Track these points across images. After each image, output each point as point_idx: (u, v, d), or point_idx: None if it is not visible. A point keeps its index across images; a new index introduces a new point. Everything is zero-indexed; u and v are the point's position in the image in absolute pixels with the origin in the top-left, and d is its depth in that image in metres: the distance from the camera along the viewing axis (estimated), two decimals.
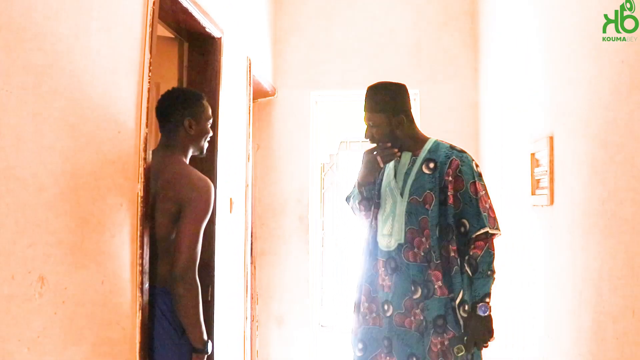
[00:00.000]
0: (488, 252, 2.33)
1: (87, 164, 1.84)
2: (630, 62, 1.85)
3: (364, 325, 2.56)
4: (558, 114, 2.58)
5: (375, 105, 2.50)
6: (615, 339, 1.96)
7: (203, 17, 2.93)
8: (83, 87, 1.81)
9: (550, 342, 2.71)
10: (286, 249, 4.89)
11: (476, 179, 2.40)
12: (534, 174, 2.97)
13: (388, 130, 2.50)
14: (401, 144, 2.52)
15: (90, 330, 1.86)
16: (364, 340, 2.55)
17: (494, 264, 2.35)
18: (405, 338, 2.42)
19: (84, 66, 1.82)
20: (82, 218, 1.81)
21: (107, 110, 1.97)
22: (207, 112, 2.43)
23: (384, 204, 2.56)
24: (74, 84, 1.76)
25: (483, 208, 2.35)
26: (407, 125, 2.51)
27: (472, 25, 4.83)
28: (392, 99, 2.50)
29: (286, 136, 4.94)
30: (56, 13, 1.67)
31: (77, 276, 1.77)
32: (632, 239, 1.84)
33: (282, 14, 5.00)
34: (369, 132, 2.54)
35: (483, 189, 2.40)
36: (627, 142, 1.88)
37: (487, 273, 2.32)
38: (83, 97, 1.81)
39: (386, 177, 2.58)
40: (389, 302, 2.47)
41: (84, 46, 1.82)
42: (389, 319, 2.47)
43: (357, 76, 4.86)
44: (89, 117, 1.85)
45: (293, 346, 4.86)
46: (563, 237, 2.53)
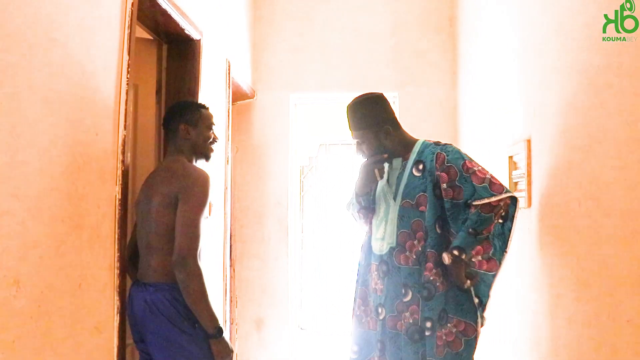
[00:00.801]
0: (483, 217, 2.33)
1: (64, 166, 1.82)
2: (602, 66, 1.88)
3: (360, 328, 2.60)
4: (535, 117, 2.61)
5: (359, 123, 2.51)
6: (591, 339, 1.99)
7: (182, 19, 2.91)
8: (60, 88, 1.79)
9: (529, 343, 2.74)
10: (265, 252, 4.87)
11: (465, 159, 2.42)
12: (512, 176, 2.99)
13: (376, 144, 2.51)
14: (392, 151, 2.54)
15: (67, 334, 1.84)
16: (359, 343, 2.58)
17: (489, 230, 2.35)
18: (397, 341, 2.44)
19: (61, 67, 1.80)
20: (58, 220, 1.79)
21: (85, 112, 1.96)
22: (207, 120, 2.56)
23: (378, 209, 2.59)
24: (51, 84, 1.74)
25: (479, 181, 2.36)
26: (395, 134, 2.53)
27: (451, 29, 4.86)
28: (372, 112, 2.51)
29: (265, 139, 4.93)
30: (32, 13, 1.65)
31: (53, 279, 1.75)
32: (606, 241, 1.87)
33: (261, 17, 4.99)
34: (359, 149, 2.56)
35: (476, 165, 2.41)
36: (600, 145, 1.90)
37: (469, 230, 2.33)
38: (60, 99, 1.79)
39: (380, 183, 2.60)
40: (382, 305, 2.50)
41: (61, 47, 1.80)
42: (382, 322, 2.49)
43: (337, 79, 4.88)
44: (66, 118, 1.84)
45: (272, 349, 4.85)
46: (541, 239, 2.56)
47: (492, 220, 2.35)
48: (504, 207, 2.36)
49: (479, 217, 2.34)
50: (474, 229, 2.34)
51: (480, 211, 2.34)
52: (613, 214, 1.82)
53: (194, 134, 2.51)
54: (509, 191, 2.37)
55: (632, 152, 1.69)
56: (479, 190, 2.35)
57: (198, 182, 2.33)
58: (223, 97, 3.83)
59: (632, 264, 1.68)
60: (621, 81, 1.76)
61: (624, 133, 1.75)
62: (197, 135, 2.52)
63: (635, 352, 1.67)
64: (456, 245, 2.34)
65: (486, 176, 2.38)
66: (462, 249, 2.33)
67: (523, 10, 2.83)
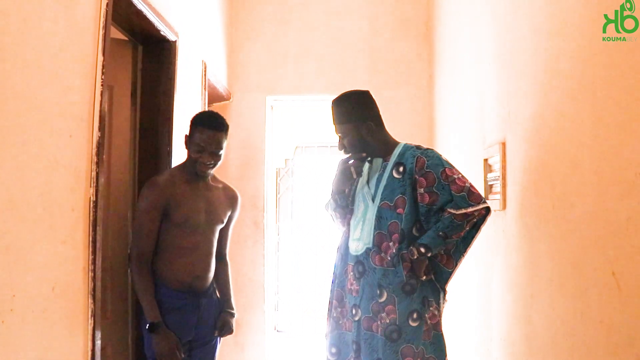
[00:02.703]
0: (456, 223, 2.38)
1: (37, 167, 1.80)
2: (580, 69, 1.90)
3: (337, 330, 2.60)
4: (510, 120, 2.64)
5: (341, 117, 2.54)
6: (565, 340, 2.01)
7: (158, 20, 2.89)
8: (33, 88, 1.77)
9: (504, 344, 2.76)
10: (241, 254, 4.85)
11: (445, 167, 2.45)
12: (487, 179, 3.01)
13: (357, 139, 2.53)
14: (373, 150, 2.55)
15: (41, 338, 1.81)
16: (337, 345, 2.59)
17: (458, 235, 2.42)
18: (372, 343, 2.46)
19: (35, 67, 1.78)
20: (31, 222, 1.76)
21: (59, 113, 1.93)
22: (198, 141, 2.64)
23: (356, 210, 2.60)
24: (23, 85, 1.72)
25: (457, 190, 2.39)
26: (377, 131, 2.55)
27: (427, 33, 4.90)
28: (356, 107, 2.53)
29: (241, 141, 4.91)
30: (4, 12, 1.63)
31: (25, 283, 1.72)
32: (579, 243, 1.89)
33: (237, 19, 4.98)
34: (340, 144, 2.58)
35: (456, 173, 2.45)
36: (573, 147, 1.93)
37: (439, 233, 2.39)
38: (33, 99, 1.77)
39: (359, 183, 2.62)
40: (357, 306, 2.51)
41: (34, 46, 1.78)
42: (357, 323, 2.51)
43: (313, 81, 4.88)
44: (39, 120, 1.81)
45: (249, 351, 4.84)
46: (515, 241, 2.58)
47: (463, 227, 2.41)
48: (477, 216, 2.41)
49: (452, 223, 2.38)
50: (444, 233, 2.39)
51: (453, 217, 2.37)
52: (585, 216, 1.85)
53: (188, 146, 2.69)
54: (485, 202, 2.41)
55: (605, 155, 1.71)
56: (457, 200, 2.38)
57: (143, 189, 2.64)
58: (199, 98, 3.81)
59: (604, 266, 1.71)
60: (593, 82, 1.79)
61: (596, 136, 1.77)
62: (190, 151, 2.68)
63: (608, 352, 1.70)
64: (424, 243, 2.41)
65: (465, 185, 2.41)
66: (429, 248, 2.40)
67: (498, 14, 2.86)
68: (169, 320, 2.59)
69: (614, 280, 1.65)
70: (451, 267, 2.53)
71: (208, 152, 2.63)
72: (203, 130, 2.62)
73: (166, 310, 2.60)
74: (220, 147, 2.67)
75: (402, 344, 2.40)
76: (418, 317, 2.42)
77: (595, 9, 1.79)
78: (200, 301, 2.72)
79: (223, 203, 2.84)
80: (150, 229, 2.60)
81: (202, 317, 2.73)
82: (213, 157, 2.66)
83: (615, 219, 1.64)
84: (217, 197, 2.82)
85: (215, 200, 2.80)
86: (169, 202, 2.62)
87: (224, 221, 2.84)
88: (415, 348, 2.40)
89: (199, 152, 2.63)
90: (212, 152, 2.65)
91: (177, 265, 2.66)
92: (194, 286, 2.69)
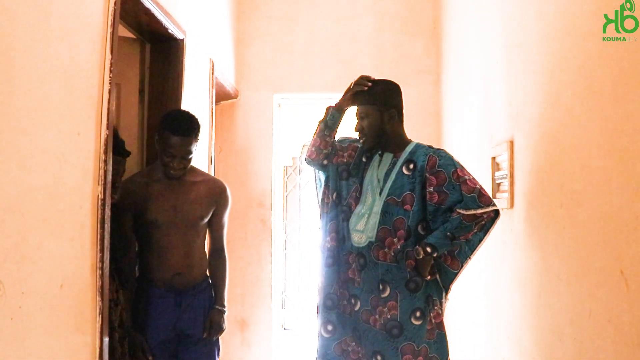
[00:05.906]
0: (464, 224, 2.38)
1: (45, 165, 1.80)
2: (589, 68, 1.89)
3: (337, 309, 2.60)
4: (518, 118, 2.63)
5: (369, 97, 2.57)
6: (573, 339, 2.00)
7: (165, 19, 2.90)
8: (41, 87, 1.77)
9: (512, 343, 2.75)
10: (249, 253, 4.86)
11: (457, 167, 2.45)
12: (495, 177, 3.01)
13: (377, 123, 2.54)
14: (387, 140, 2.56)
15: (49, 335, 1.82)
16: (334, 323, 2.59)
17: (466, 237, 2.43)
18: (370, 336, 2.47)
19: (42, 66, 1.79)
20: (39, 220, 1.77)
21: (66, 111, 1.93)
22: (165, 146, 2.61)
23: (363, 199, 2.60)
24: (31, 83, 1.72)
25: (468, 191, 2.39)
26: (396, 123, 2.57)
27: (435, 31, 4.88)
28: (387, 92, 2.58)
29: (249, 139, 4.92)
30: (13, 11, 1.63)
31: (34, 280, 1.73)
32: (587, 241, 1.88)
33: (245, 17, 4.98)
34: (359, 125, 2.60)
35: (467, 175, 2.45)
36: (582, 146, 1.92)
37: (446, 233, 2.39)
38: (41, 98, 1.78)
39: (369, 175, 2.61)
40: (357, 297, 2.53)
41: (42, 46, 1.78)
42: (357, 314, 2.53)
43: (320, 79, 4.88)
44: (47, 118, 1.82)
45: (256, 349, 4.84)
46: (523, 240, 2.57)
47: (471, 228, 2.40)
48: (486, 218, 2.41)
49: (460, 224, 2.38)
50: (452, 233, 2.38)
51: (462, 218, 2.37)
52: (594, 215, 1.84)
53: (159, 150, 2.66)
54: (495, 205, 2.41)
55: (613, 153, 1.71)
56: (467, 200, 2.38)
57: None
58: (206, 97, 3.81)
59: (612, 265, 1.70)
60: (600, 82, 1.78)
61: (605, 135, 1.76)
62: (160, 153, 2.66)
63: (616, 352, 1.69)
64: (430, 243, 2.40)
65: (476, 187, 2.41)
66: (435, 248, 2.40)
67: (507, 11, 2.85)
68: (146, 316, 2.66)
69: (622, 279, 1.64)
70: (456, 268, 2.52)
71: (179, 159, 2.63)
72: (172, 137, 2.59)
73: (145, 306, 2.67)
74: (190, 152, 2.65)
75: (402, 341, 2.40)
76: (421, 316, 2.43)
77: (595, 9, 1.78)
78: (182, 299, 2.72)
79: (202, 198, 2.78)
80: (122, 230, 2.62)
81: (185, 316, 2.73)
82: (183, 162, 2.65)
83: (624, 218, 1.63)
84: (194, 193, 2.77)
85: (191, 197, 2.75)
86: (137, 202, 2.67)
87: (203, 217, 2.79)
88: (417, 346, 2.40)
89: (169, 157, 2.62)
90: (183, 157, 2.64)
91: (155, 263, 2.70)
92: (174, 283, 2.70)
